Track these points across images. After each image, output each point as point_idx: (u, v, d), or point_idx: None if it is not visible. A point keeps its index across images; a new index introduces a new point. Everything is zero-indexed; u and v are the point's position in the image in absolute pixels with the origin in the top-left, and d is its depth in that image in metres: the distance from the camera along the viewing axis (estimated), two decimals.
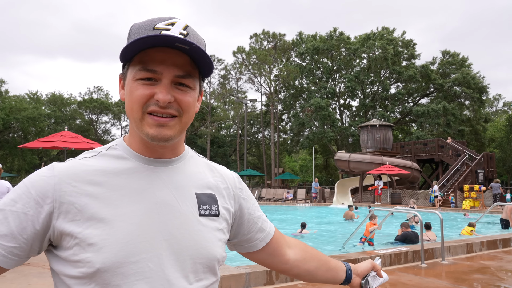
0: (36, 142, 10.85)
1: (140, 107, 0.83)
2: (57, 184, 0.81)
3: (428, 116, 35.56)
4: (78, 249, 0.78)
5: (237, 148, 43.85)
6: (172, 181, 0.90)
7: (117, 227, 0.80)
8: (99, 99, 48.11)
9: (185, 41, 0.79)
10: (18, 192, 0.81)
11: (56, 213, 0.80)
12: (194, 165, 0.98)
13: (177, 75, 0.83)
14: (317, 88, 39.68)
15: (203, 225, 0.90)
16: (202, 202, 0.92)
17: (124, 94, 0.88)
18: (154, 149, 0.89)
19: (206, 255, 0.88)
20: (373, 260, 1.20)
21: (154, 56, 0.82)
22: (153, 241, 0.82)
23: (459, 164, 25.90)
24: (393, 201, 24.27)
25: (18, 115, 38.52)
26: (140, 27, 0.85)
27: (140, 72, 0.83)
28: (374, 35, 39.81)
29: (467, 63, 39.92)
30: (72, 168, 0.84)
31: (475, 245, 7.47)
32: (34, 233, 0.80)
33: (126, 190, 0.84)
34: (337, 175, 37.89)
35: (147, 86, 0.83)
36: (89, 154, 0.90)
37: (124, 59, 0.85)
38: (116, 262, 0.78)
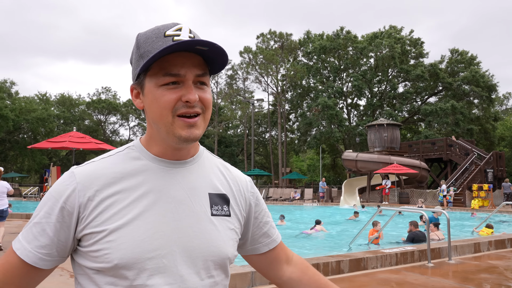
0: (45, 143, 10.99)
1: (169, 111, 0.87)
2: (81, 191, 0.88)
3: (436, 115, 35.27)
4: (98, 246, 0.85)
5: (245, 148, 43.89)
6: (186, 181, 0.95)
7: (134, 226, 0.86)
8: (107, 100, 48.45)
9: (205, 43, 0.84)
10: (48, 204, 0.88)
11: (82, 217, 0.87)
12: (208, 166, 1.02)
13: (198, 75, 0.88)
14: (324, 87, 39.56)
15: (214, 225, 0.94)
16: (215, 202, 0.97)
17: (144, 102, 0.92)
18: (174, 152, 0.94)
19: (217, 253, 0.93)
20: None
21: (174, 61, 0.86)
22: (167, 238, 0.88)
23: (468, 163, 25.67)
24: (401, 200, 24.13)
25: (28, 116, 38.96)
26: (149, 36, 0.89)
27: (164, 78, 0.87)
28: (382, 34, 39.59)
29: (476, 62, 39.52)
30: (92, 173, 0.90)
31: (482, 245, 7.42)
32: (69, 235, 0.88)
33: (142, 191, 0.90)
34: (345, 174, 37.76)
35: (173, 90, 0.87)
36: (106, 155, 0.96)
37: (144, 69, 0.89)
38: (132, 258, 0.84)
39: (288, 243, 9.49)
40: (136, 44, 0.92)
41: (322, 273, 5.33)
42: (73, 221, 0.87)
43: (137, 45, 0.91)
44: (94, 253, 0.86)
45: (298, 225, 13.56)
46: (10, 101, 40.17)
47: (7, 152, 42.36)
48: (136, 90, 0.94)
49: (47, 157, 43.93)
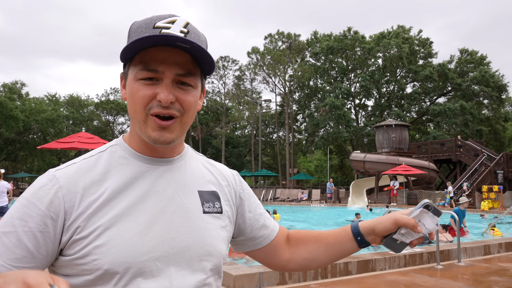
0: (55, 143, 11.09)
1: (143, 108, 0.82)
2: (65, 196, 0.79)
3: (445, 115, 34.95)
4: (85, 253, 0.78)
5: (252, 149, 43.88)
6: (174, 179, 0.90)
7: (124, 227, 0.80)
8: (115, 101, 48.74)
9: (186, 40, 0.78)
10: (24, 210, 0.77)
11: (68, 225, 0.79)
12: (195, 163, 0.97)
13: (178, 74, 0.82)
14: (332, 88, 39.42)
15: (207, 222, 0.90)
16: (205, 199, 0.93)
17: (126, 94, 0.86)
18: (155, 149, 0.89)
19: (212, 252, 0.89)
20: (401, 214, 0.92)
21: (155, 56, 0.81)
22: (160, 239, 0.82)
23: (478, 164, 25.40)
24: (410, 201, 23.95)
25: (38, 116, 39.35)
26: (140, 25, 0.83)
27: (141, 72, 0.81)
28: (390, 34, 39.35)
29: (485, 61, 39.09)
30: (76, 175, 0.82)
31: (492, 247, 7.33)
32: (53, 248, 0.79)
33: (130, 190, 0.84)
34: (352, 175, 37.59)
35: (149, 87, 0.81)
36: (88, 155, 0.88)
37: (124, 59, 0.84)
38: (124, 262, 0.78)
39: None
40: (128, 32, 0.87)
41: (330, 275, 5.32)
42: (58, 230, 0.78)
43: (128, 34, 0.87)
44: (80, 260, 0.78)
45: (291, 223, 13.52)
46: (20, 102, 40.63)
47: (17, 152, 42.84)
48: (123, 80, 0.89)
49: (56, 157, 44.35)
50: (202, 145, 44.44)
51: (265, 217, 1.07)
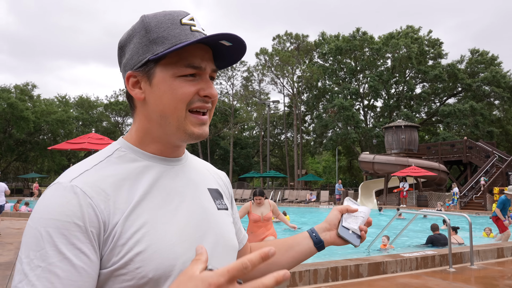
0: (65, 144, 11.17)
1: (185, 104, 0.81)
2: (98, 206, 0.72)
3: (455, 116, 34.60)
4: (127, 261, 0.72)
5: (260, 150, 43.86)
6: (188, 178, 0.90)
7: (161, 230, 0.77)
8: (124, 102, 49.06)
9: (232, 37, 0.80)
10: (64, 232, 0.68)
11: (105, 236, 0.72)
12: (195, 163, 0.98)
13: (213, 70, 0.84)
14: (340, 89, 39.26)
15: (223, 219, 0.92)
16: (215, 197, 0.94)
17: (148, 93, 0.82)
18: (174, 149, 0.87)
19: (233, 247, 0.91)
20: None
21: (195, 53, 0.81)
22: (192, 239, 0.81)
23: (489, 165, 25.08)
24: (419, 203, 23.74)
25: (48, 118, 39.78)
26: (162, 21, 0.81)
27: (185, 69, 0.80)
28: (399, 34, 39.09)
29: (496, 62, 38.64)
30: (97, 181, 0.75)
31: (506, 250, 7.22)
32: (98, 266, 0.72)
33: (155, 192, 0.81)
34: (361, 176, 37.34)
35: (191, 83, 0.81)
36: (95, 160, 0.81)
37: (160, 57, 0.80)
38: (168, 266, 0.74)
39: None
40: (143, 27, 0.82)
41: (341, 277, 5.27)
42: (100, 245, 0.72)
43: (145, 29, 0.81)
44: (121, 271, 0.72)
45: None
46: (31, 103, 41.10)
47: (28, 153, 43.32)
48: (136, 78, 0.83)
49: (66, 158, 44.77)
50: (210, 146, 44.54)
51: (240, 222, 1.09)
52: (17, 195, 33.95)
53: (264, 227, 5.83)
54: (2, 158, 41.15)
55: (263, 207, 5.84)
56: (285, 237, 1.13)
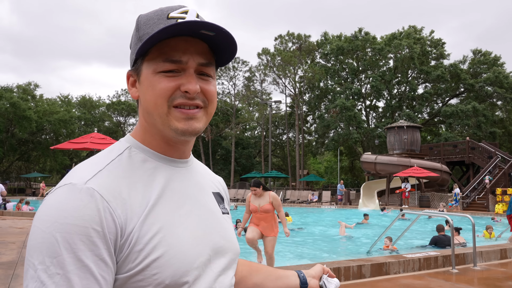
0: (68, 144, 11.19)
1: (165, 100, 0.77)
2: (116, 210, 0.70)
3: (457, 117, 34.51)
4: (144, 267, 0.69)
5: (262, 150, 43.86)
6: (195, 181, 0.88)
7: (176, 234, 0.75)
8: (126, 102, 49.16)
9: (212, 26, 0.74)
10: (81, 238, 0.65)
11: (122, 241, 0.70)
12: (198, 166, 0.95)
13: (201, 64, 0.79)
14: (342, 89, 39.22)
15: (228, 223, 0.92)
16: (218, 201, 0.93)
17: (139, 91, 0.82)
18: (176, 147, 0.84)
19: (236, 251, 0.90)
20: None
21: (176, 46, 0.77)
22: (202, 243, 0.80)
23: (491, 166, 25.01)
24: (422, 204, 23.69)
25: (51, 117, 39.86)
26: (150, 17, 0.79)
27: (163, 64, 0.77)
28: (401, 35, 39.02)
29: (499, 62, 38.51)
30: (112, 183, 0.73)
31: (509, 251, 7.19)
32: (114, 274, 0.70)
33: (167, 195, 0.79)
34: (363, 177, 37.29)
35: (171, 78, 0.77)
36: (107, 159, 0.78)
37: (141, 53, 0.78)
38: (184, 272, 0.73)
39: (305, 246, 9.35)
40: (136, 26, 0.82)
41: (343, 278, 5.25)
42: (116, 251, 0.69)
43: (136, 27, 0.81)
44: (137, 277, 0.69)
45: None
46: (33, 103, 41.21)
47: (30, 153, 43.43)
48: (133, 77, 0.83)
49: (68, 157, 44.86)
50: (212, 146, 44.55)
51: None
52: (20, 195, 34.03)
53: (263, 219, 5.79)
54: (5, 157, 41.26)
55: (262, 198, 5.80)
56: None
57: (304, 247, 9.56)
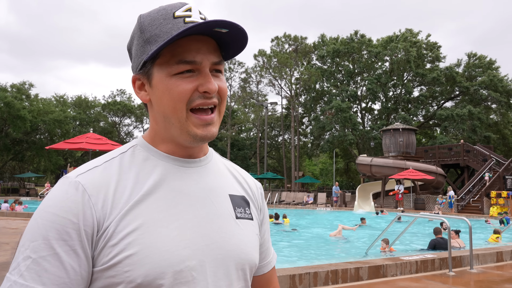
0: (63, 144, 11.11)
1: (184, 104, 0.76)
2: (96, 205, 0.71)
3: (452, 120, 34.68)
4: (116, 262, 0.69)
5: (257, 151, 43.85)
6: (204, 181, 0.84)
7: (157, 234, 0.72)
8: (122, 102, 48.96)
9: (226, 23, 0.73)
10: (57, 227, 0.68)
11: (99, 235, 0.71)
12: (221, 166, 0.92)
13: (214, 62, 0.78)
14: (338, 91, 39.32)
15: (241, 228, 0.84)
16: (237, 204, 0.87)
17: (151, 94, 0.80)
18: (185, 149, 0.82)
19: (247, 260, 0.83)
20: None
21: (188, 46, 0.75)
22: (195, 247, 0.75)
23: (486, 169, 25.15)
24: (417, 206, 23.77)
25: (45, 117, 39.58)
26: (155, 18, 0.77)
27: (177, 66, 0.75)
28: (397, 38, 39.20)
29: (494, 66, 38.79)
30: (102, 179, 0.74)
31: (505, 254, 7.22)
32: (89, 267, 0.71)
33: (160, 193, 0.77)
34: (358, 179, 37.36)
35: (188, 79, 0.76)
36: (108, 157, 0.80)
37: (151, 57, 0.76)
38: (159, 273, 0.70)
39: (301, 248, 9.31)
40: (138, 27, 0.79)
41: (341, 280, 5.24)
42: (92, 245, 0.70)
43: (140, 29, 0.78)
44: (109, 272, 0.70)
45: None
46: (28, 102, 40.90)
47: (24, 153, 43.09)
48: (140, 81, 0.81)
49: (63, 158, 44.56)
50: None
51: (269, 243, 1.01)
52: (13, 195, 33.75)
53: None
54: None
55: None
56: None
57: (300, 248, 9.54)
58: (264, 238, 0.97)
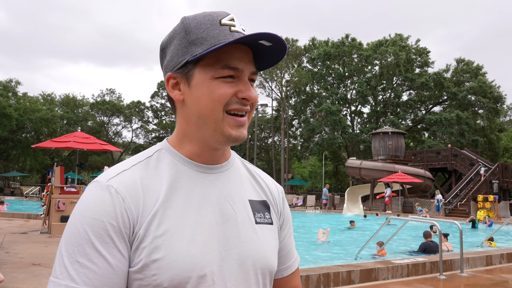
0: (50, 142, 10.86)
1: (222, 106, 0.79)
2: (129, 208, 0.75)
3: (441, 124, 35.07)
4: (143, 266, 0.72)
5: (247, 153, 43.77)
6: (226, 188, 0.86)
7: (182, 238, 0.75)
8: (111, 101, 48.37)
9: (272, 37, 0.76)
10: (99, 231, 0.71)
11: (132, 238, 0.74)
12: (243, 170, 0.94)
13: (253, 72, 0.82)
14: (328, 94, 39.48)
15: (260, 234, 0.86)
16: (256, 209, 0.89)
17: (187, 94, 0.82)
18: (211, 153, 0.85)
19: (266, 266, 0.85)
20: None
21: (233, 54, 0.79)
22: (217, 252, 0.78)
23: (473, 173, 25.46)
24: (405, 209, 23.93)
25: (32, 115, 38.92)
26: (201, 22, 0.80)
27: (222, 70, 0.78)
28: (387, 42, 39.53)
29: (481, 72, 39.36)
30: (133, 183, 0.78)
31: (494, 258, 7.25)
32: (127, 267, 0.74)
33: (184, 200, 0.80)
34: (347, 182, 37.51)
35: (230, 84, 0.79)
36: (135, 160, 0.83)
37: (197, 58, 0.79)
38: (185, 277, 0.73)
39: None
40: (183, 28, 0.81)
41: (333, 283, 5.18)
42: (129, 246, 0.74)
43: (185, 30, 0.81)
44: (138, 275, 0.73)
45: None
46: (15, 100, 40.17)
47: (10, 151, 42.29)
48: (175, 80, 0.83)
49: (49, 157, 43.83)
50: None
51: (292, 245, 1.02)
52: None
53: None
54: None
55: None
56: None
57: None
58: (285, 242, 0.98)
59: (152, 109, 50.39)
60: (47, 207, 9.99)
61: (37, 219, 13.22)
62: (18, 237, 8.63)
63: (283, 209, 0.98)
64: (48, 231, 9.56)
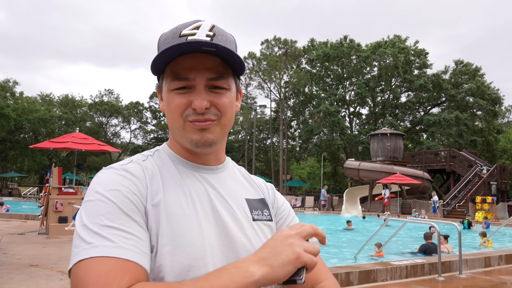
0: (48, 143, 10.83)
1: (179, 116, 0.82)
2: (142, 188, 0.79)
3: (439, 125, 35.11)
4: (153, 245, 0.75)
5: (245, 154, 43.75)
6: (221, 187, 0.89)
7: (185, 227, 0.78)
8: (109, 102, 48.31)
9: (210, 44, 0.77)
10: (125, 182, 0.76)
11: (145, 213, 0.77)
12: (238, 173, 0.99)
13: (210, 78, 0.82)
14: (327, 95, 39.50)
15: (258, 230, 0.89)
16: (254, 207, 0.92)
17: (162, 105, 0.89)
18: (198, 156, 0.89)
19: None
20: None
21: (183, 64, 0.81)
22: (215, 245, 0.80)
23: (472, 175, 25.49)
24: (403, 211, 23.94)
25: (30, 116, 38.82)
26: (167, 36, 0.84)
27: (173, 82, 0.82)
28: (386, 43, 39.58)
29: (480, 73, 39.44)
30: (141, 171, 0.82)
31: (493, 259, 7.25)
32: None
33: (183, 195, 0.83)
34: (345, 183, 37.52)
35: (183, 95, 0.82)
36: (141, 157, 0.88)
37: (156, 72, 0.85)
38: (187, 266, 0.75)
39: None
40: (157, 44, 0.88)
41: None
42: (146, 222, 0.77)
43: (157, 45, 0.87)
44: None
45: None
46: (12, 100, 40.06)
47: (8, 152, 42.18)
48: (160, 93, 0.90)
49: (47, 157, 43.72)
50: None
51: None
52: None
53: None
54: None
55: None
56: None
57: None
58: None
59: (151, 109, 50.33)
60: (45, 208, 9.95)
61: (35, 220, 13.18)
62: (15, 238, 8.60)
63: (274, 203, 1.01)
64: (46, 232, 9.52)
